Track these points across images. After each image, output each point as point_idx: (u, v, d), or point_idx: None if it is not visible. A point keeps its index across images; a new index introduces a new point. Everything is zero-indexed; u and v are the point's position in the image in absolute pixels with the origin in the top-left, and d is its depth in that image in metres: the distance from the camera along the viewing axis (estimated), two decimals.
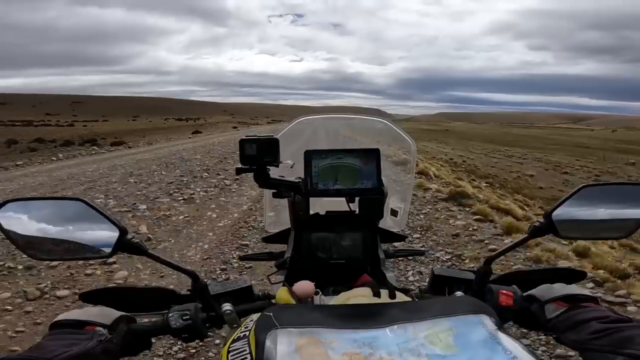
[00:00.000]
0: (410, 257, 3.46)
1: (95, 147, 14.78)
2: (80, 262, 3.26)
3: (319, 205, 1.13)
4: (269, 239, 1.30)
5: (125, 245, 0.61)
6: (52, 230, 0.62)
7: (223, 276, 3.20)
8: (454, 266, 3.53)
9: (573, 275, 0.77)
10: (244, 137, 0.88)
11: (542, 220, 0.67)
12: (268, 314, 0.53)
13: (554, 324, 0.60)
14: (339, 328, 0.51)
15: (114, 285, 1.09)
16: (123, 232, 0.61)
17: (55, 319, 0.57)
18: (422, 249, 3.73)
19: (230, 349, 0.60)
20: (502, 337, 0.48)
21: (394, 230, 1.27)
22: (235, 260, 3.53)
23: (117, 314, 0.61)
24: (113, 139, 18.28)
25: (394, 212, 1.28)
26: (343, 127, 1.50)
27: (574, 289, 0.64)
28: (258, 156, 0.89)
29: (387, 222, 1.24)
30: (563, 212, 0.65)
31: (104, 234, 0.61)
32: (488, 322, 0.51)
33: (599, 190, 0.68)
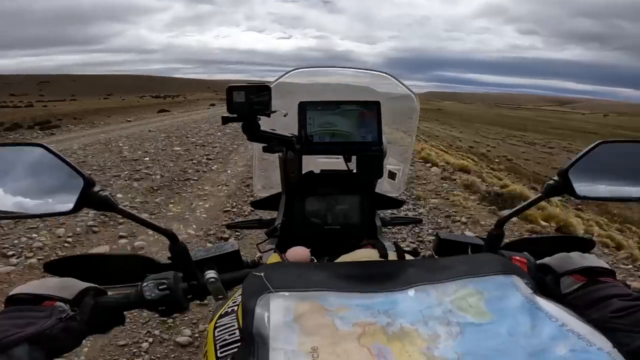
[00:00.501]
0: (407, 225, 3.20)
1: (39, 132, 12.65)
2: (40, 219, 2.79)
3: (313, 165, 1.06)
4: (258, 204, 1.20)
5: (91, 199, 0.54)
6: (6, 182, 0.54)
7: None
8: None
9: (582, 244, 0.72)
10: (231, 85, 0.77)
11: (556, 178, 0.62)
12: (258, 274, 0.44)
13: (571, 299, 0.56)
14: (347, 291, 0.43)
15: (83, 253, 0.86)
16: (89, 183, 0.53)
17: (11, 293, 0.49)
18: (419, 217, 3.46)
19: (217, 324, 0.56)
20: (542, 301, 0.43)
21: (391, 195, 1.19)
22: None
23: (82, 285, 0.53)
24: (72, 119, 15.81)
25: (391, 175, 1.18)
26: (340, 82, 1.32)
27: (593, 260, 0.59)
28: (247, 104, 0.77)
29: (383, 186, 1.19)
30: (579, 170, 0.61)
31: (67, 186, 0.53)
32: (521, 285, 0.45)
33: (618, 147, 0.64)
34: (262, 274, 0.44)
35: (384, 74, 1.21)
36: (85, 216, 3.85)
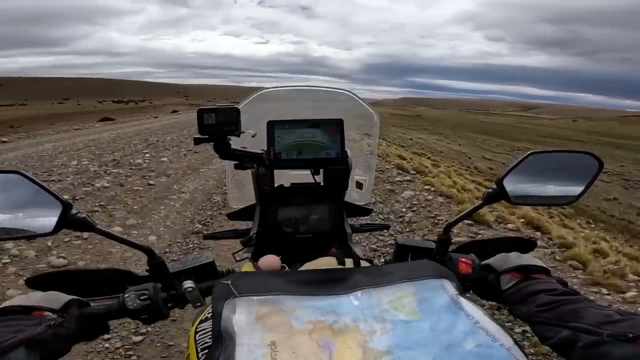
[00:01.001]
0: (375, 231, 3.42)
1: None
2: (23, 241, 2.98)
3: (284, 179, 1.14)
4: (234, 216, 1.26)
5: (69, 221, 0.57)
6: None
7: None
8: None
9: (525, 245, 0.79)
10: (202, 107, 0.84)
11: (494, 187, 0.69)
12: (225, 282, 0.51)
13: (507, 295, 0.61)
14: (302, 295, 0.50)
15: (64, 269, 0.79)
16: (67, 206, 0.57)
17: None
18: (387, 223, 3.36)
19: (197, 329, 0.62)
20: (464, 302, 0.49)
21: (359, 203, 1.26)
22: None
23: (66, 297, 0.56)
24: (7, 127, 15.07)
25: (359, 185, 1.27)
26: (307, 101, 1.43)
27: (529, 259, 0.64)
28: (217, 125, 0.84)
29: (352, 196, 1.25)
30: (513, 179, 0.68)
31: (47, 210, 0.57)
32: (449, 287, 0.52)
33: (547, 157, 0.70)
34: (229, 282, 0.50)
35: (347, 92, 1.30)
36: None
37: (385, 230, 3.68)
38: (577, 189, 0.70)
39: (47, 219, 0.56)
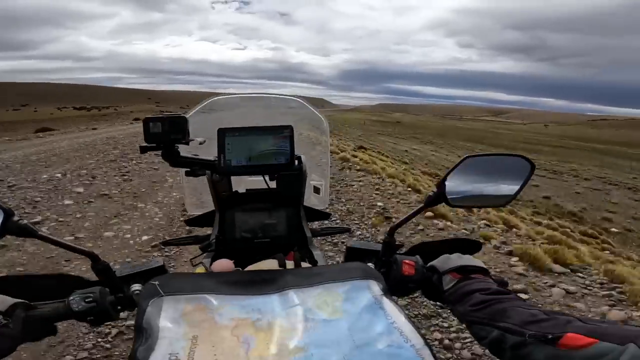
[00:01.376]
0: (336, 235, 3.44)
1: None
2: None
3: (243, 185, 1.15)
4: (193, 222, 1.24)
5: (12, 227, 0.58)
6: None
7: None
8: None
9: (471, 246, 0.78)
10: (148, 117, 0.84)
11: (435, 190, 0.71)
12: (153, 282, 0.52)
13: (448, 295, 0.62)
14: (229, 294, 0.51)
15: (10, 274, 0.96)
16: (8, 214, 0.58)
17: None
18: (347, 226, 3.59)
19: None
20: (386, 302, 0.51)
21: (318, 208, 1.28)
22: None
23: (11, 301, 0.56)
24: None
25: (316, 190, 1.29)
26: (260, 108, 1.47)
27: (469, 260, 0.65)
28: (164, 134, 0.85)
29: (311, 201, 1.28)
30: (452, 182, 0.70)
31: None
32: (375, 287, 0.53)
33: (481, 160, 0.72)
34: (156, 282, 0.51)
35: (297, 99, 1.32)
36: None
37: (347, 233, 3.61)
38: (511, 190, 0.72)
39: None
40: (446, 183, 0.69)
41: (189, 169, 0.96)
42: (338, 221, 4.28)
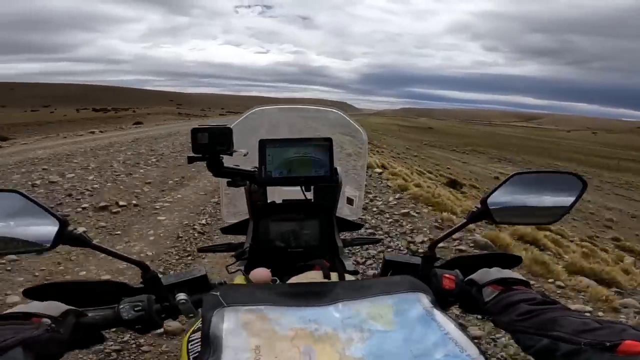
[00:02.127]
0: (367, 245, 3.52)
1: None
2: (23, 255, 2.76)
3: (277, 195, 1.18)
4: (228, 230, 1.28)
5: (66, 237, 0.59)
6: None
7: None
8: None
9: (510, 260, 0.80)
10: (196, 127, 0.88)
11: (479, 206, 0.70)
12: (215, 293, 0.54)
13: (489, 306, 0.63)
14: (286, 306, 0.53)
15: (61, 280, 0.69)
16: (63, 224, 0.59)
17: (1, 313, 0.55)
18: (379, 237, 3.62)
19: (190, 338, 0.65)
20: (437, 314, 0.52)
21: (350, 218, 1.29)
22: None
23: (64, 307, 0.58)
24: None
25: (349, 201, 1.31)
26: (297, 118, 1.49)
27: (508, 273, 0.67)
28: (210, 145, 0.88)
29: (343, 211, 1.30)
30: (497, 198, 0.69)
31: (44, 227, 0.59)
32: (424, 300, 0.54)
33: (530, 177, 0.72)
34: (218, 294, 0.53)
35: (337, 112, 1.35)
36: None
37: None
38: (560, 209, 0.71)
39: (45, 236, 0.58)
40: (491, 199, 0.69)
41: (230, 180, 0.99)
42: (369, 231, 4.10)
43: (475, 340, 0.50)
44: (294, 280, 0.71)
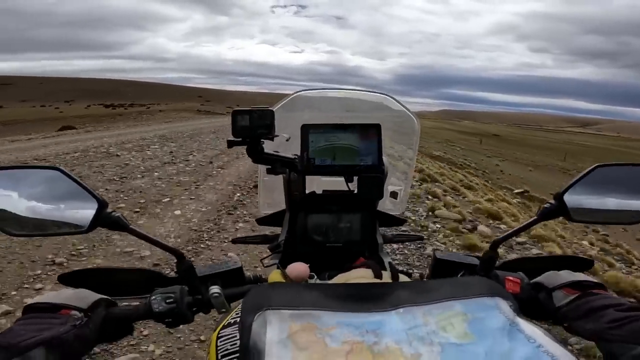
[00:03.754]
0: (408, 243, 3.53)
1: None
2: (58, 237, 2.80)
3: (315, 185, 1.11)
4: (263, 221, 1.25)
5: (104, 219, 0.58)
6: (25, 203, 0.57)
7: None
8: None
9: (580, 263, 0.74)
10: (236, 109, 0.84)
11: (552, 201, 0.65)
12: (256, 292, 0.49)
13: (565, 312, 0.58)
14: (339, 311, 0.46)
15: (95, 266, 0.92)
16: (102, 205, 0.58)
17: (29, 302, 0.53)
18: (421, 234, 3.40)
19: (219, 334, 0.61)
20: (522, 323, 0.45)
21: (392, 213, 1.22)
22: None
23: (95, 297, 0.57)
24: None
25: (393, 194, 1.26)
26: (343, 105, 1.42)
27: (582, 276, 0.62)
28: (251, 128, 0.83)
29: (385, 205, 1.23)
30: (575, 194, 0.64)
31: (82, 207, 0.58)
32: (505, 307, 0.47)
33: (613, 170, 0.66)
34: (261, 292, 0.48)
35: (386, 96, 1.26)
36: None
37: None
38: None
39: (83, 216, 0.57)
40: (567, 195, 0.63)
41: (270, 167, 0.95)
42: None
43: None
44: (339, 278, 0.65)
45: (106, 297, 0.58)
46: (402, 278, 0.65)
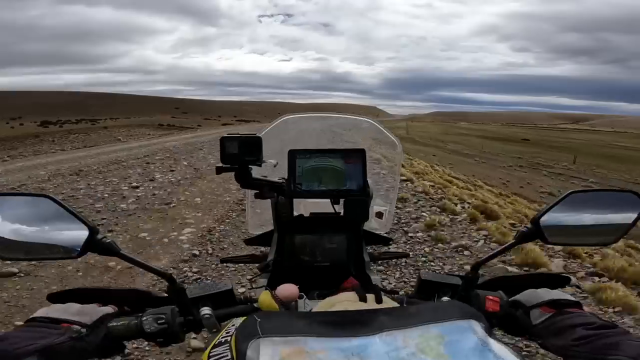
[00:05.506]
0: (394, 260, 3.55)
1: None
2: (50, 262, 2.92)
3: (302, 207, 1.16)
4: (252, 241, 1.29)
5: (95, 245, 0.60)
6: (17, 229, 0.59)
7: None
8: None
9: (557, 281, 0.78)
10: (226, 135, 0.88)
11: (529, 226, 0.69)
12: (251, 320, 0.52)
13: (539, 329, 0.62)
14: (326, 336, 0.50)
15: (85, 287, 0.70)
16: (93, 231, 0.60)
17: (33, 315, 0.56)
18: (407, 252, 3.62)
19: (210, 353, 0.63)
20: (492, 343, 0.49)
21: (379, 232, 1.28)
22: None
23: (100, 312, 0.60)
24: None
25: (379, 215, 1.30)
26: (328, 127, 1.53)
27: (558, 294, 0.66)
28: (240, 155, 0.89)
29: (371, 224, 1.27)
30: (550, 217, 0.68)
31: (73, 233, 0.60)
32: (478, 328, 0.51)
33: (586, 196, 0.71)
34: (254, 320, 0.51)
35: (369, 121, 1.33)
36: None
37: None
38: (618, 228, 0.70)
39: (74, 242, 0.59)
40: (544, 219, 0.68)
41: (258, 191, 0.99)
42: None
43: None
44: (325, 302, 0.70)
45: (110, 313, 0.61)
46: (386, 300, 0.69)
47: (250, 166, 0.92)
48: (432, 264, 3.60)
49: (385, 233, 1.31)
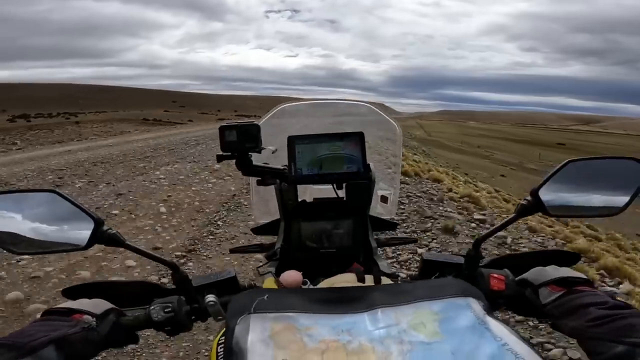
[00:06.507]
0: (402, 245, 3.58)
1: None
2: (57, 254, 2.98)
3: (308, 194, 1.18)
4: (259, 230, 1.30)
5: (101, 236, 0.62)
6: (25, 224, 0.62)
7: None
8: None
9: (566, 258, 0.75)
10: (224, 124, 0.90)
11: (529, 198, 0.67)
12: (241, 298, 0.53)
13: (550, 309, 0.60)
14: (317, 312, 0.51)
15: (97, 280, 1.01)
16: (98, 223, 0.62)
17: (47, 309, 0.58)
18: (414, 237, 3.61)
19: (220, 341, 0.65)
20: (491, 322, 0.48)
21: (384, 217, 1.29)
22: None
23: (107, 306, 0.62)
24: None
25: (383, 199, 1.30)
26: (328, 115, 1.51)
27: (568, 271, 0.63)
28: (239, 142, 0.90)
29: (377, 210, 1.29)
30: (550, 189, 0.66)
31: (79, 226, 0.62)
32: (476, 306, 0.50)
33: (586, 165, 0.68)
34: (244, 298, 0.52)
35: (367, 105, 1.36)
36: None
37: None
38: (622, 198, 0.67)
39: (80, 235, 0.62)
40: (543, 190, 0.65)
41: (259, 178, 1.02)
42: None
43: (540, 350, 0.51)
44: (325, 283, 0.70)
45: (117, 307, 0.63)
46: (385, 281, 0.66)
47: (250, 154, 0.93)
48: None
49: (391, 218, 1.30)
